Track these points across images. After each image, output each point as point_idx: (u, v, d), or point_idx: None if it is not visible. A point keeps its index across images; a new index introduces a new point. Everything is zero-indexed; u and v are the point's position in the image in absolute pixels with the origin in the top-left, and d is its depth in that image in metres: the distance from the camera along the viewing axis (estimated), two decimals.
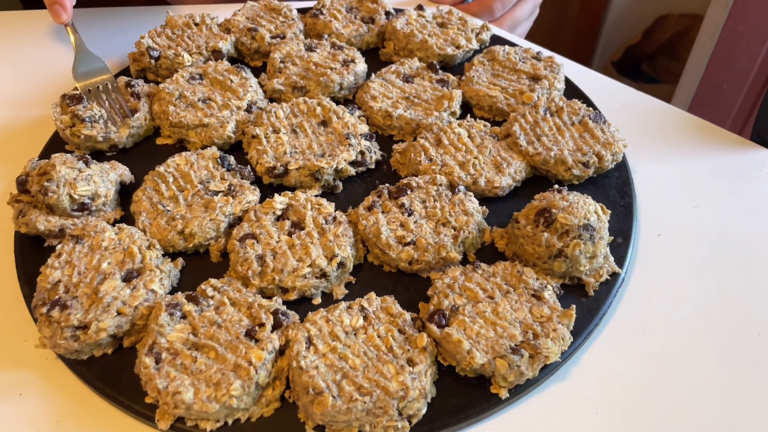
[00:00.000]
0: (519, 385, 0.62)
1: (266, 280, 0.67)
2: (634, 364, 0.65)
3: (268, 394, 0.61)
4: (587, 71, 1.03)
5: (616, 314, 0.69)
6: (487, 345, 0.61)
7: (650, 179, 0.84)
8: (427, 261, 0.69)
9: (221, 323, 0.63)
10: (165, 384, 0.58)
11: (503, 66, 0.93)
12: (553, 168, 0.78)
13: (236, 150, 0.87)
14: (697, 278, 0.73)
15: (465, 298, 0.65)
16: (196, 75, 0.91)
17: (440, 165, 0.78)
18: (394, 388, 0.57)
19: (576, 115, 0.83)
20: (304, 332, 0.62)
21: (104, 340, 0.64)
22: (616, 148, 0.79)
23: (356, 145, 0.82)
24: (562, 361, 0.64)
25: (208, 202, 0.75)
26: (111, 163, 0.81)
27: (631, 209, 0.77)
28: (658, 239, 0.77)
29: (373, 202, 0.75)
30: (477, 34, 1.01)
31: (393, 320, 0.64)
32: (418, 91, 0.90)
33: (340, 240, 0.71)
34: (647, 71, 2.28)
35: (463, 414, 0.60)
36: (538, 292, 0.65)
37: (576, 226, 0.66)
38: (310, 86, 0.92)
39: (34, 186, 0.73)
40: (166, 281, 0.69)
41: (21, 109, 0.99)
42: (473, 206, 0.73)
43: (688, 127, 0.92)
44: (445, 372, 0.63)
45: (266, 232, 0.71)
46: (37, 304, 0.65)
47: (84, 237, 0.70)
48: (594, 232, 0.67)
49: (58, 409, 0.63)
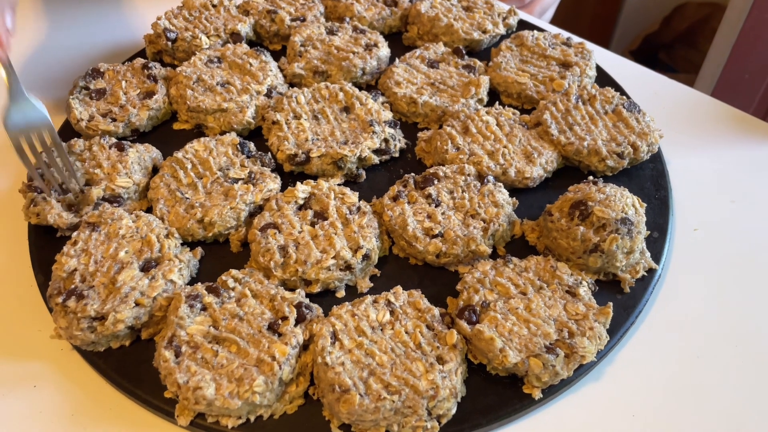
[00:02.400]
0: (552, 386, 0.59)
1: (289, 271, 0.65)
2: (671, 364, 0.63)
3: (291, 391, 0.58)
4: (616, 57, 0.99)
5: (653, 312, 0.67)
6: (520, 343, 0.58)
7: (685, 171, 0.81)
8: (455, 254, 0.67)
9: (243, 316, 0.61)
10: (185, 379, 0.56)
11: (532, 52, 0.90)
12: (586, 158, 0.75)
13: (256, 136, 0.84)
14: (736, 274, 0.70)
15: (496, 293, 0.62)
16: (214, 58, 0.89)
17: (468, 154, 0.75)
18: (423, 386, 0.55)
19: (609, 103, 0.80)
20: (329, 327, 0.59)
21: (122, 331, 0.62)
22: (652, 139, 0.76)
23: (380, 132, 0.79)
24: (597, 361, 0.61)
25: (227, 189, 0.72)
26: (145, 146, 0.79)
27: (667, 202, 0.74)
28: (694, 234, 0.74)
29: (399, 191, 0.72)
30: (504, 18, 0.98)
31: (421, 315, 0.61)
32: (444, 77, 0.87)
33: (365, 231, 0.68)
34: (665, 60, 2.23)
35: (494, 414, 0.58)
36: (572, 288, 0.63)
37: (613, 220, 0.63)
38: (331, 71, 0.89)
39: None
40: (185, 271, 0.67)
41: (35, 92, 0.97)
42: (503, 197, 0.71)
43: (722, 116, 0.88)
44: (475, 370, 0.61)
45: (288, 221, 0.69)
46: (53, 293, 0.63)
47: (101, 224, 0.68)
48: (632, 227, 0.64)
49: (74, 402, 0.62)
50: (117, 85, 0.85)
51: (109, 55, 1.03)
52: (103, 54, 1.04)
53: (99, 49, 1.05)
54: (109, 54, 1.04)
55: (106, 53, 1.04)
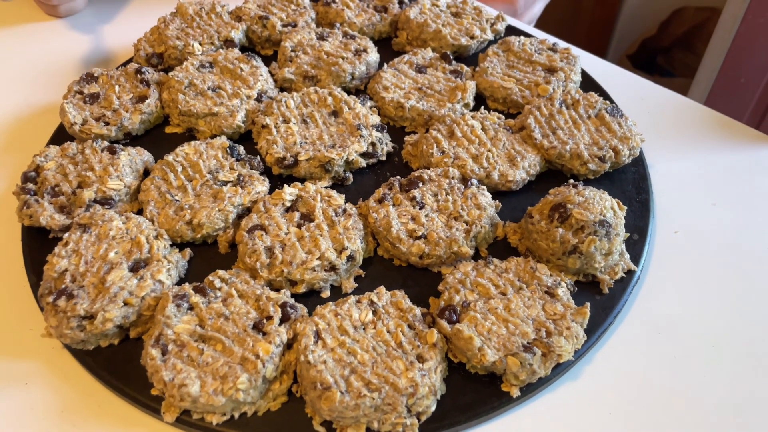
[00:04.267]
0: (530, 384, 0.60)
1: (275, 272, 0.66)
2: (648, 363, 0.64)
3: (275, 388, 0.60)
4: (604, 63, 1.01)
5: (631, 313, 0.68)
6: (498, 342, 0.59)
7: (667, 175, 0.82)
8: (438, 255, 0.68)
9: (229, 315, 0.62)
10: (171, 376, 0.57)
11: (518, 57, 0.91)
12: (569, 162, 0.76)
13: (246, 140, 0.86)
14: (715, 276, 0.71)
15: (476, 293, 0.64)
16: (206, 63, 0.90)
17: (453, 158, 0.77)
18: (403, 384, 0.56)
19: (592, 108, 0.81)
20: (313, 326, 0.61)
21: (110, 330, 0.63)
22: (634, 143, 0.77)
23: (367, 136, 0.80)
24: (574, 360, 0.62)
25: (216, 192, 0.74)
26: (137, 149, 0.81)
27: (648, 205, 0.75)
28: (675, 236, 0.75)
29: (384, 194, 0.73)
30: (492, 24, 0.99)
31: (403, 315, 0.62)
32: (431, 82, 0.88)
33: (350, 233, 0.70)
34: (663, 65, 2.25)
35: (473, 412, 0.59)
36: (551, 288, 0.64)
37: (591, 222, 0.65)
38: (321, 76, 0.90)
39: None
40: (174, 272, 0.68)
41: (30, 96, 0.99)
42: (486, 200, 0.72)
43: (706, 121, 0.90)
44: (455, 369, 0.62)
45: (275, 223, 0.70)
46: (44, 293, 0.65)
47: (91, 226, 0.70)
48: (610, 229, 0.65)
49: (64, 399, 0.63)
50: (110, 90, 0.87)
51: (103, 59, 1.05)
52: (97, 59, 1.05)
53: (93, 54, 1.06)
54: (103, 59, 1.05)
55: (100, 58, 1.06)
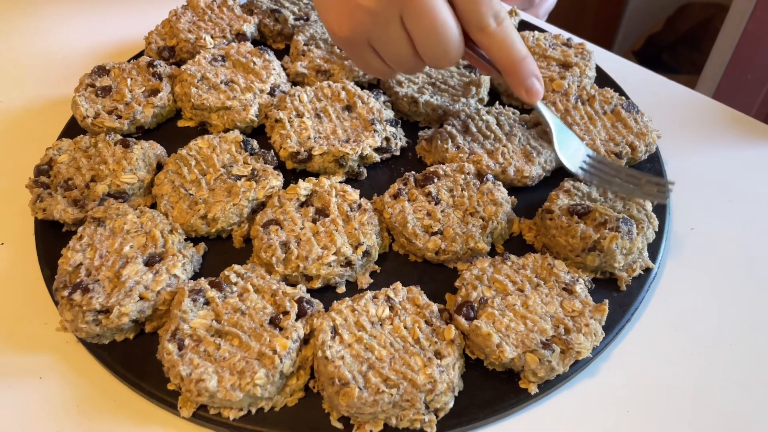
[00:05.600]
0: (548, 381, 0.60)
1: (290, 267, 0.66)
2: (666, 361, 0.64)
3: (292, 384, 0.60)
4: (617, 59, 1.00)
5: (648, 310, 0.67)
6: (516, 339, 0.59)
7: (682, 171, 0.82)
8: (454, 251, 0.68)
9: (245, 310, 0.62)
10: (188, 371, 0.57)
11: (532, 52, 0.90)
12: None
13: (259, 134, 0.85)
14: (732, 273, 0.71)
15: (494, 290, 0.63)
16: (218, 56, 0.90)
17: (468, 153, 0.76)
18: (421, 380, 0.56)
19: (608, 104, 0.81)
20: (329, 321, 0.60)
21: (126, 324, 0.63)
22: (650, 139, 0.76)
23: (381, 131, 0.80)
24: (592, 357, 0.62)
25: (230, 186, 0.73)
26: (150, 143, 0.80)
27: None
28: (691, 233, 0.75)
29: (399, 189, 0.73)
30: None
31: (420, 311, 0.62)
32: (445, 77, 0.88)
33: (366, 228, 0.69)
34: (668, 61, 2.24)
35: (491, 409, 0.59)
36: (569, 285, 0.64)
37: (614, 218, 0.64)
38: (334, 70, 0.90)
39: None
40: (189, 266, 0.68)
41: (41, 89, 0.98)
42: (502, 196, 0.72)
43: (720, 117, 0.89)
44: (472, 365, 0.62)
45: (290, 218, 0.70)
46: (59, 287, 0.64)
47: (106, 219, 0.69)
48: (632, 227, 0.65)
49: (79, 393, 0.63)
50: (122, 83, 0.87)
51: (115, 52, 1.05)
52: (108, 52, 1.05)
53: (105, 46, 1.06)
54: (115, 52, 1.05)
55: (111, 51, 1.05)
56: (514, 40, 0.60)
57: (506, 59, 0.60)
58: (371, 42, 0.59)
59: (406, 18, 0.56)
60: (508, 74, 0.62)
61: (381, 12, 0.56)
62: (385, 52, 0.60)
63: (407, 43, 0.58)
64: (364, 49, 0.60)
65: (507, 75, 0.62)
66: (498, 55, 0.60)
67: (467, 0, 0.56)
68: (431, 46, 0.58)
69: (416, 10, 0.55)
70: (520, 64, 0.61)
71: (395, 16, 0.56)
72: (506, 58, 0.60)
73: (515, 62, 0.61)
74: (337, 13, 0.58)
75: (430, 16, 0.55)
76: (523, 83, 0.62)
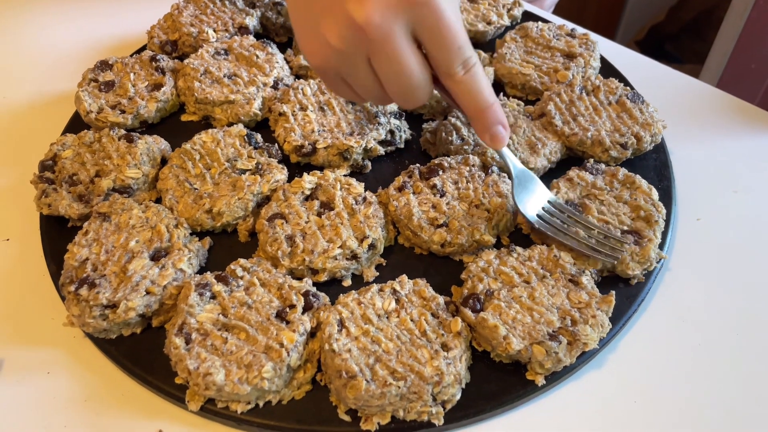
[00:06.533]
0: (555, 372, 0.60)
1: (296, 260, 0.66)
2: (673, 352, 0.64)
3: (299, 377, 0.60)
4: (621, 49, 0.99)
5: (655, 301, 0.67)
6: (523, 331, 0.59)
7: (688, 161, 0.81)
8: (460, 244, 0.68)
9: (251, 304, 0.62)
10: (196, 365, 0.57)
11: (536, 43, 0.90)
12: (590, 149, 0.76)
13: (263, 127, 0.85)
14: (738, 264, 0.70)
15: (500, 282, 0.63)
16: (221, 50, 0.89)
17: (472, 145, 0.76)
18: (428, 372, 0.56)
19: (613, 94, 0.80)
20: (336, 314, 0.60)
21: (133, 319, 0.63)
22: (656, 129, 0.76)
23: (385, 124, 0.80)
24: (599, 348, 0.62)
25: (235, 180, 0.73)
26: (154, 137, 0.80)
27: (670, 192, 0.75)
28: (697, 224, 0.74)
29: (404, 182, 0.73)
30: (508, 9, 0.98)
31: (426, 304, 0.62)
32: None
33: (371, 221, 0.69)
34: (671, 51, 2.23)
35: (498, 400, 0.59)
36: (575, 277, 0.63)
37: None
38: None
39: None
40: (195, 261, 0.68)
41: (44, 84, 0.98)
42: (507, 188, 0.71)
43: (726, 107, 0.89)
44: (479, 357, 0.62)
45: (295, 212, 0.70)
46: (65, 282, 0.64)
47: (111, 214, 0.69)
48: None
49: (87, 388, 0.63)
50: (125, 78, 0.86)
51: (118, 47, 1.04)
52: (111, 46, 1.05)
53: (107, 41, 1.06)
54: (118, 46, 1.05)
55: (113, 45, 1.05)
56: (481, 87, 0.58)
57: (472, 107, 0.59)
58: (341, 76, 0.59)
59: (373, 61, 0.55)
60: (473, 120, 0.61)
61: (349, 53, 0.55)
62: (355, 86, 0.59)
63: (376, 82, 0.58)
64: (336, 80, 0.59)
65: (473, 121, 0.61)
66: (464, 101, 0.59)
67: (436, 46, 0.55)
68: (398, 90, 0.58)
69: (382, 56, 0.54)
70: (485, 112, 0.60)
71: (363, 58, 0.55)
72: (472, 105, 0.59)
73: (481, 110, 0.60)
74: (309, 45, 0.57)
75: (396, 64, 0.55)
76: (488, 130, 0.62)
